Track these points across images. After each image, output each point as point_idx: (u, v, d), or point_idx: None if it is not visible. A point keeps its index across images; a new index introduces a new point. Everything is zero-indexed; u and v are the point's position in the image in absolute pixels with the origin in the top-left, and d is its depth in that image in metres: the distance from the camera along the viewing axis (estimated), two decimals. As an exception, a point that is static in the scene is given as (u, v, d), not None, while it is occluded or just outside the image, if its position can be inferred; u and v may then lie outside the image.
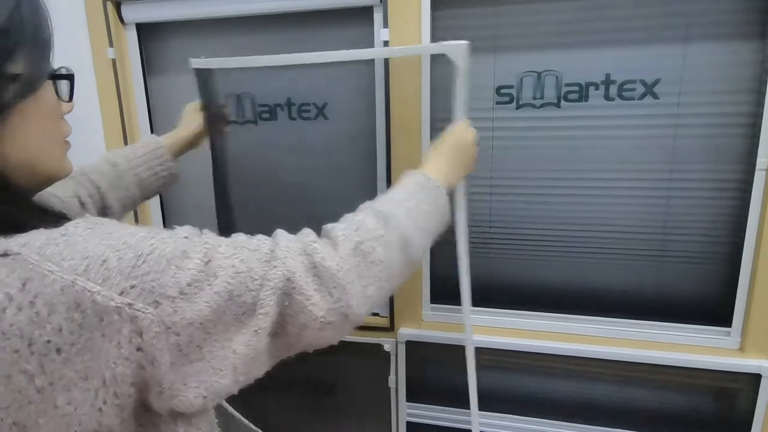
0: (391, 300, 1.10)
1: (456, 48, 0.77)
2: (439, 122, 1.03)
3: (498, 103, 1.01)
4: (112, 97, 1.16)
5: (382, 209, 0.58)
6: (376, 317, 1.14)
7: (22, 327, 0.35)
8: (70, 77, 0.48)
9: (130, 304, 0.37)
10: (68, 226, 0.40)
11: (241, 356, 0.44)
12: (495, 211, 1.06)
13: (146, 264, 0.39)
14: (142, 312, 0.38)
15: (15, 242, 0.37)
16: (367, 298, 0.52)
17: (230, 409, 0.71)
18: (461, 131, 0.75)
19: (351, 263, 0.51)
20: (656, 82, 0.92)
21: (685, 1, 0.89)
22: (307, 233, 0.53)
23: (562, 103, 0.98)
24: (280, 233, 0.52)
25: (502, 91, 1.00)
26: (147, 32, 1.17)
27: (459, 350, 0.96)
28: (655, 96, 0.93)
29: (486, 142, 1.03)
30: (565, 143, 1.00)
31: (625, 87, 0.94)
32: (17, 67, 0.41)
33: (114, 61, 1.13)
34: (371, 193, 0.86)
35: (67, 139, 0.50)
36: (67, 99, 0.49)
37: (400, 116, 1.01)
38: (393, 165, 1.04)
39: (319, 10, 1.03)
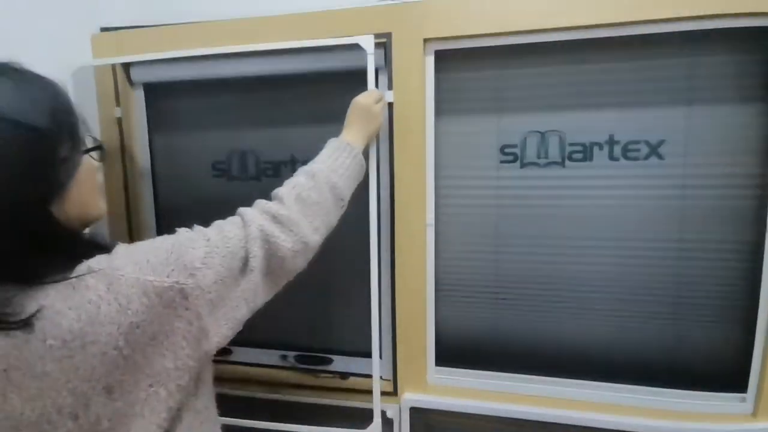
0: (394, 361, 1.06)
1: (365, 39, 0.94)
2: (443, 179, 1.03)
3: (502, 161, 1.01)
4: (115, 154, 1.16)
5: (309, 169, 0.78)
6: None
7: (112, 316, 0.51)
8: (100, 147, 0.63)
9: (176, 282, 0.56)
10: (116, 249, 0.57)
11: (246, 290, 0.64)
12: (501, 270, 1.03)
13: (173, 254, 0.57)
14: (185, 283, 0.56)
15: (93, 262, 0.54)
16: (316, 229, 0.74)
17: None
18: (362, 97, 0.90)
19: (296, 208, 0.72)
20: (661, 142, 0.92)
21: (688, 65, 0.90)
22: (259, 201, 0.73)
23: (567, 162, 0.98)
24: (242, 209, 0.71)
25: (507, 150, 1.01)
26: (152, 92, 1.18)
27: (468, 418, 0.90)
28: (660, 156, 0.93)
29: (491, 200, 1.02)
30: (570, 202, 0.99)
31: (629, 147, 0.94)
32: (62, 153, 0.55)
33: (120, 120, 1.14)
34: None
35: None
36: (100, 160, 0.64)
37: (403, 172, 1.01)
38: (396, 217, 1.02)
39: (324, 72, 1.05)
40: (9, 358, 0.50)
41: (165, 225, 1.22)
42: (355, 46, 0.94)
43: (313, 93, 1.09)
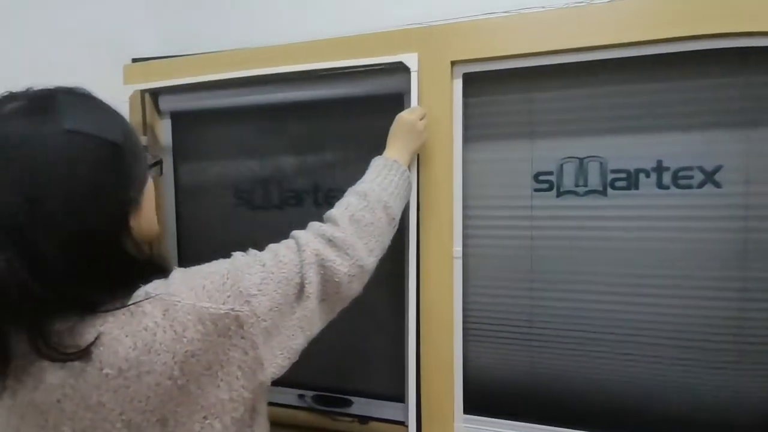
0: (418, 407, 0.97)
1: (409, 57, 0.93)
2: (472, 209, 0.96)
3: (537, 190, 0.93)
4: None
5: (359, 189, 0.77)
6: (400, 427, 1.00)
7: (168, 344, 0.50)
8: (160, 161, 0.68)
9: (232, 309, 0.54)
10: (173, 274, 0.56)
11: (302, 318, 0.62)
12: (536, 309, 0.94)
13: (230, 279, 0.56)
14: (241, 311, 0.54)
15: (150, 287, 0.53)
16: (371, 251, 0.73)
17: None
18: (407, 113, 0.88)
19: (350, 230, 0.70)
20: (717, 168, 0.83)
21: (748, 83, 0.81)
22: (313, 223, 0.72)
23: (609, 190, 0.89)
24: (296, 232, 0.69)
25: (541, 177, 0.93)
26: (179, 121, 1.19)
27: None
28: (717, 184, 0.83)
29: (524, 231, 0.94)
30: (613, 234, 0.89)
31: (680, 174, 0.85)
32: (135, 168, 0.57)
33: (145, 148, 1.14)
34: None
35: None
36: (160, 175, 0.67)
37: (429, 200, 0.95)
38: (422, 249, 0.96)
39: (348, 98, 1.02)
40: (64, 387, 0.49)
41: (186, 253, 1.19)
42: (387, 68, 0.92)
43: (337, 120, 1.06)
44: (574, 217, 0.92)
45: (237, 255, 0.63)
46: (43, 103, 0.51)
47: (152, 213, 0.63)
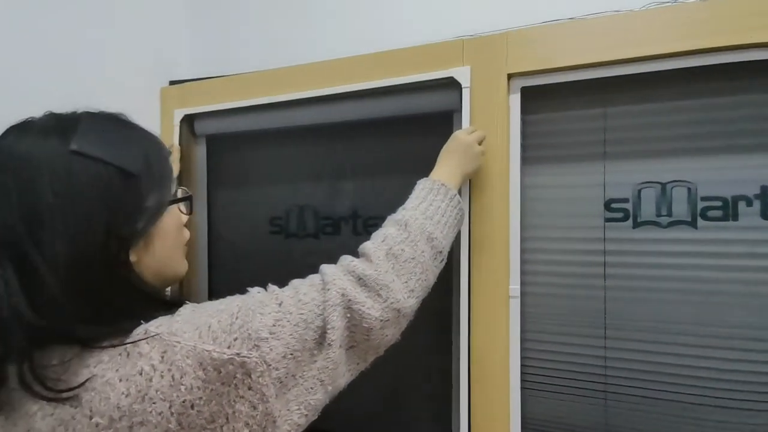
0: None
1: (460, 72, 0.84)
2: (531, 241, 0.84)
3: (609, 220, 0.80)
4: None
5: (399, 218, 0.68)
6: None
7: (164, 391, 0.44)
8: (189, 198, 0.60)
9: (238, 353, 0.46)
10: (180, 310, 0.50)
11: (324, 370, 0.53)
12: (610, 362, 0.79)
13: (239, 319, 0.49)
14: (248, 357, 0.47)
15: (152, 325, 0.47)
16: (411, 291, 0.63)
17: None
18: (463, 133, 0.79)
19: (386, 267, 0.61)
20: (844, 196, 0.67)
21: None
22: (344, 257, 0.63)
23: (699, 221, 0.75)
24: (324, 266, 0.61)
25: (614, 205, 0.80)
26: (214, 144, 1.14)
27: None
28: (843, 215, 0.67)
29: (595, 269, 0.81)
30: (704, 275, 0.75)
31: (793, 203, 0.70)
32: (148, 201, 0.51)
33: (180, 173, 1.10)
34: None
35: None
36: (188, 213, 0.60)
37: (482, 231, 0.83)
38: (473, 286, 0.84)
39: (391, 118, 0.93)
40: None
41: (217, 283, 1.12)
42: (435, 84, 0.83)
43: (379, 142, 0.98)
44: (654, 253, 0.78)
45: (253, 291, 0.56)
46: (65, 123, 0.50)
47: (171, 251, 0.56)
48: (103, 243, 0.47)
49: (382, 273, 0.60)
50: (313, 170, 1.04)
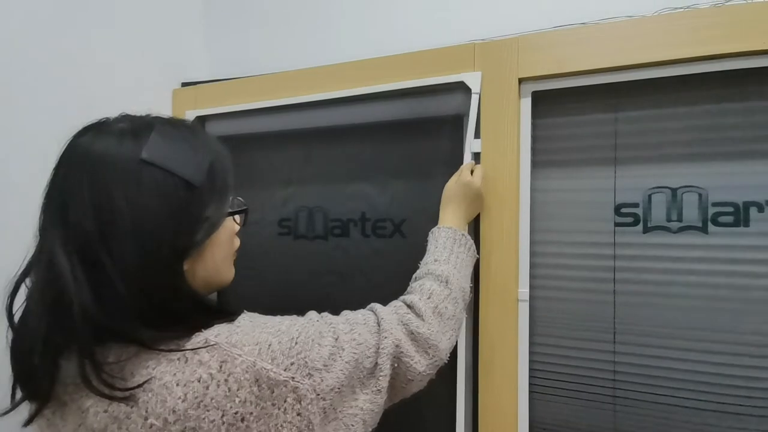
0: (477, 476, 0.83)
1: (471, 76, 0.84)
2: (540, 245, 0.84)
3: (619, 224, 0.80)
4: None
5: (439, 273, 0.70)
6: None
7: (219, 400, 0.45)
8: (245, 210, 0.61)
9: (293, 378, 0.47)
10: (239, 320, 0.51)
11: (368, 411, 0.54)
12: (619, 367, 0.79)
13: (298, 345, 0.50)
14: (301, 383, 0.48)
15: (210, 334, 0.48)
16: (452, 347, 0.67)
17: None
18: (466, 180, 0.80)
19: (436, 326, 0.64)
20: None
21: None
22: (399, 306, 0.65)
23: (710, 227, 0.75)
24: (378, 307, 0.63)
25: (624, 210, 0.80)
26: (226, 145, 1.14)
27: None
28: None
29: (605, 273, 0.80)
30: (715, 281, 0.74)
31: (805, 209, 0.70)
32: (208, 212, 0.52)
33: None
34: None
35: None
36: (242, 224, 0.61)
37: (491, 234, 0.83)
38: (482, 289, 0.84)
39: (400, 121, 0.94)
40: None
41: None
42: (445, 88, 0.84)
43: (388, 146, 0.98)
44: (665, 258, 0.77)
45: (311, 316, 0.57)
46: (139, 129, 0.51)
47: (222, 260, 0.58)
48: (163, 252, 0.48)
49: (434, 333, 0.63)
50: (323, 172, 1.04)
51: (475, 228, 0.84)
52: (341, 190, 1.03)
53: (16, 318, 0.48)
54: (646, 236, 0.79)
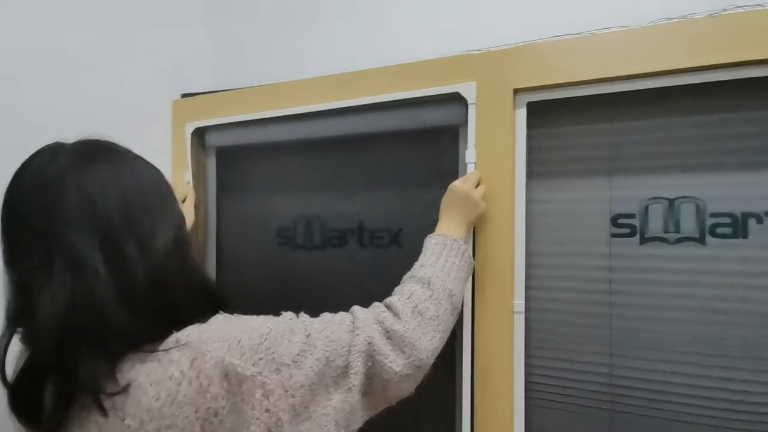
0: (473, 489, 0.82)
1: (466, 87, 0.85)
2: (536, 256, 0.83)
3: (615, 235, 0.80)
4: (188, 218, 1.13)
5: (422, 275, 0.70)
6: None
7: (191, 397, 0.46)
8: None
9: (260, 373, 0.48)
10: (212, 320, 0.52)
11: (340, 411, 0.54)
12: (616, 380, 0.78)
13: (267, 341, 0.50)
14: (268, 378, 0.48)
15: (183, 334, 0.49)
16: (435, 349, 0.65)
17: None
18: (460, 182, 0.80)
19: (413, 324, 0.63)
20: None
21: None
22: (377, 305, 0.65)
23: (708, 238, 0.74)
24: (356, 308, 0.63)
25: (621, 221, 0.79)
26: (224, 157, 1.15)
27: None
28: None
29: (601, 285, 0.80)
30: (713, 293, 0.73)
31: (804, 220, 0.69)
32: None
33: (189, 185, 1.11)
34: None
35: None
36: None
37: (486, 245, 0.83)
38: (477, 301, 0.83)
39: (397, 131, 0.94)
40: None
41: (224, 289, 1.13)
42: (441, 99, 0.85)
43: (386, 155, 0.98)
44: (662, 270, 0.77)
45: (286, 316, 0.58)
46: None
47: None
48: (180, 236, 0.54)
49: (409, 330, 0.62)
50: (321, 183, 1.04)
51: (471, 239, 0.84)
52: (339, 200, 1.03)
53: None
54: (643, 247, 0.78)
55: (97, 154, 0.52)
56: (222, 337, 0.49)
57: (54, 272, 0.46)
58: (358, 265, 1.00)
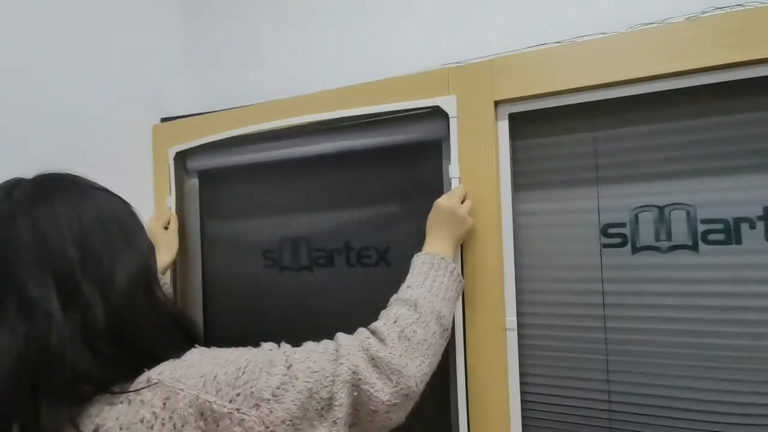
0: None
1: (446, 100, 0.83)
2: (526, 269, 0.81)
3: (606, 245, 0.77)
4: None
5: (408, 297, 0.66)
6: None
7: None
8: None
9: (237, 409, 0.45)
10: (187, 355, 0.49)
11: None
12: (614, 396, 0.75)
13: (245, 374, 0.47)
14: (247, 414, 0.45)
15: (154, 372, 0.46)
16: (424, 375, 0.61)
17: None
18: (445, 199, 0.78)
19: (400, 349, 0.59)
20: None
21: None
22: (362, 331, 0.62)
23: (701, 246, 0.72)
24: (340, 335, 0.60)
25: (611, 231, 0.77)
26: (206, 180, 1.13)
27: None
28: None
29: (594, 298, 0.77)
30: (708, 302, 0.71)
31: (798, 224, 0.67)
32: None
33: (171, 210, 1.09)
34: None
35: None
36: None
37: (474, 261, 0.81)
38: (467, 319, 0.81)
39: (380, 147, 0.92)
40: None
41: (212, 318, 1.11)
42: (423, 113, 0.83)
43: (370, 172, 0.96)
44: (655, 279, 0.74)
45: (265, 347, 0.54)
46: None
47: None
48: (147, 269, 0.51)
49: (396, 357, 0.58)
50: (306, 202, 1.02)
51: (458, 255, 0.82)
52: (325, 219, 1.01)
53: None
54: (635, 257, 0.76)
55: (54, 189, 0.49)
56: (197, 374, 0.46)
57: (7, 317, 0.43)
58: (347, 285, 0.98)
